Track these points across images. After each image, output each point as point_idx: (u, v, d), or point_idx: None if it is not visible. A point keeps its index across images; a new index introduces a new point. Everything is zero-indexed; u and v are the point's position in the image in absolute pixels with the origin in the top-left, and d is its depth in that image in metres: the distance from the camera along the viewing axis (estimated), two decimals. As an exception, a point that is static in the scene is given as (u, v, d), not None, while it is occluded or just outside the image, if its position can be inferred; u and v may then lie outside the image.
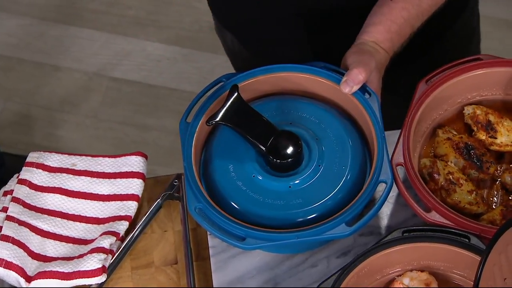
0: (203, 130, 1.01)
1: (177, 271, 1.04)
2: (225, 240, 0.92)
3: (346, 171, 0.96)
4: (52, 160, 1.11)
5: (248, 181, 0.96)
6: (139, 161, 1.11)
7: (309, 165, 0.96)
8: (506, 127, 1.02)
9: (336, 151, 0.97)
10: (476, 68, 1.02)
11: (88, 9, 2.39)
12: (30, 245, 1.03)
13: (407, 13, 1.02)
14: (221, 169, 0.97)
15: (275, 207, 0.94)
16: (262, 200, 0.94)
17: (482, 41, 1.36)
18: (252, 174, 0.96)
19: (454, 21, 1.20)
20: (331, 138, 0.98)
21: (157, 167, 1.82)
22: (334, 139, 0.98)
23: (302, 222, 0.93)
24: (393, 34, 1.02)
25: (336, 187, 0.95)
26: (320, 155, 0.97)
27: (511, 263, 0.81)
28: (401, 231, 0.93)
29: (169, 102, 2.20)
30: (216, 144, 1.00)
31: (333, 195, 0.94)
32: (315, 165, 0.96)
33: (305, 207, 0.94)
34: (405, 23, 1.03)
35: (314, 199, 0.94)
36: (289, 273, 1.00)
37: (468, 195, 0.97)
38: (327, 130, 0.99)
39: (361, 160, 0.98)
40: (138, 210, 1.08)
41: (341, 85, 0.99)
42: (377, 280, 0.95)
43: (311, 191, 0.95)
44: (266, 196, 0.95)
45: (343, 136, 0.99)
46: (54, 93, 2.23)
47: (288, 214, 0.94)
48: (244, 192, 0.95)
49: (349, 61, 1.01)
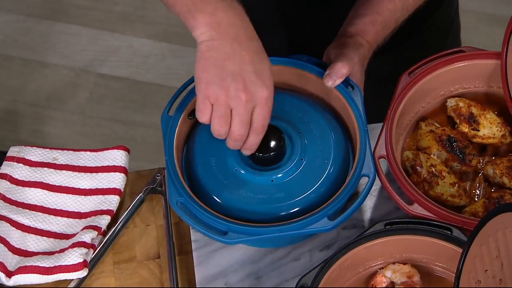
0: (185, 123, 1.01)
1: (159, 266, 1.04)
2: (207, 234, 0.91)
3: (328, 164, 0.95)
4: (33, 154, 1.10)
5: (230, 175, 0.95)
6: (121, 155, 1.10)
7: (291, 159, 0.96)
8: (488, 120, 1.02)
9: (319, 144, 0.97)
10: (458, 60, 1.02)
11: (75, 5, 2.38)
12: (10, 240, 1.02)
13: (393, 6, 1.02)
14: (203, 163, 0.97)
15: (258, 201, 0.94)
16: (245, 194, 0.94)
17: (469, 36, 1.36)
18: (234, 168, 0.95)
19: (432, 14, 1.20)
20: (314, 131, 0.98)
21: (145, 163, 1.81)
22: (317, 132, 0.98)
23: (284, 216, 0.92)
24: (378, 26, 1.02)
25: (319, 181, 0.94)
26: (302, 149, 0.96)
27: (492, 255, 0.81)
28: (384, 224, 0.92)
29: (157, 98, 2.20)
30: (198, 138, 0.99)
31: (315, 188, 0.94)
32: (298, 159, 0.96)
33: (287, 201, 0.93)
34: (390, 16, 1.02)
35: (296, 193, 0.94)
36: (272, 267, 1.00)
37: (450, 188, 0.96)
38: (310, 124, 0.99)
39: (343, 153, 0.98)
40: (120, 204, 1.07)
41: (324, 78, 0.99)
42: (360, 273, 0.94)
43: (294, 185, 0.94)
44: (249, 190, 0.94)
45: (326, 130, 0.98)
46: (41, 89, 2.22)
47: (271, 208, 0.93)
48: (226, 186, 0.94)
49: (332, 54, 1.01)
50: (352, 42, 1.01)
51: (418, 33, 1.18)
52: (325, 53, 1.04)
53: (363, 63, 1.01)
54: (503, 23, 1.05)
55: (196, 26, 0.83)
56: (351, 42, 1.01)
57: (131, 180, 1.11)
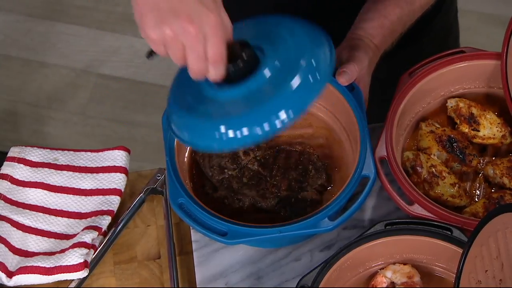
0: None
1: (160, 266, 1.04)
2: (207, 235, 0.91)
3: (307, 51, 0.85)
4: (34, 154, 1.10)
5: (210, 102, 0.86)
6: (121, 155, 1.10)
7: (266, 65, 0.85)
8: (488, 120, 1.02)
9: (290, 42, 0.87)
10: (459, 61, 1.02)
11: (75, 5, 2.38)
12: (11, 240, 1.03)
13: (400, 11, 1.03)
14: (182, 104, 0.89)
15: (248, 105, 0.84)
16: (231, 110, 0.84)
17: (468, 36, 1.36)
18: (211, 95, 0.86)
19: (432, 19, 1.20)
20: (288, 40, 0.88)
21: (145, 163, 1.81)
22: (291, 41, 0.87)
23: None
24: (386, 30, 1.03)
25: (302, 67, 0.84)
26: (274, 51, 0.86)
27: (493, 255, 0.81)
28: (384, 224, 0.93)
29: (157, 98, 2.20)
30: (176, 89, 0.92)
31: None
32: (272, 63, 0.85)
33: (276, 94, 0.83)
34: (397, 21, 1.03)
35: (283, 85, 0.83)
36: (272, 267, 1.00)
37: (451, 188, 0.97)
38: (280, 28, 0.89)
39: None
40: (121, 204, 1.08)
41: (338, 76, 0.98)
42: (360, 273, 0.94)
43: (277, 81, 0.84)
44: (236, 103, 0.85)
45: (297, 29, 0.89)
46: (41, 89, 2.22)
47: (265, 109, 0.83)
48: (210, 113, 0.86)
49: (343, 56, 1.01)
50: (362, 44, 1.01)
51: (418, 38, 1.18)
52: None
53: (371, 66, 1.02)
54: (502, 23, 1.05)
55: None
56: (361, 44, 1.01)
57: (131, 180, 1.11)
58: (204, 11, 0.80)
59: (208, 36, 0.80)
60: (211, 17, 0.80)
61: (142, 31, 0.82)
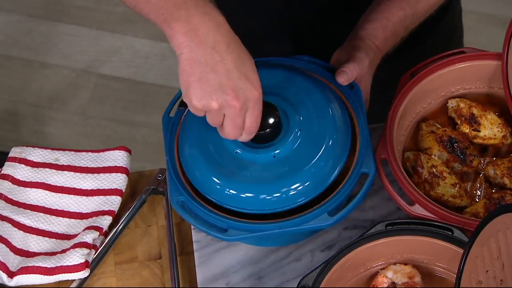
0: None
1: (161, 266, 1.04)
2: (207, 232, 0.91)
3: (327, 131, 0.93)
4: (35, 155, 1.11)
5: (231, 158, 0.92)
6: (122, 155, 1.10)
7: (289, 132, 0.92)
8: (489, 120, 1.02)
9: (313, 112, 0.94)
10: (460, 61, 1.02)
11: (76, 5, 2.38)
12: (12, 241, 1.03)
13: (404, 13, 1.03)
14: (201, 151, 0.94)
15: (263, 179, 0.91)
16: (249, 174, 0.91)
17: (469, 37, 1.36)
18: (234, 151, 0.93)
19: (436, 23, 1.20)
20: (306, 101, 0.95)
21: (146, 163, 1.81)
22: (309, 101, 0.95)
23: (292, 194, 0.90)
24: (388, 32, 1.03)
25: (321, 149, 0.92)
26: (298, 119, 0.93)
27: (493, 256, 0.81)
28: (385, 225, 0.93)
29: (158, 98, 2.20)
30: (194, 126, 0.96)
31: (319, 157, 0.91)
32: (295, 130, 0.93)
33: (293, 175, 0.91)
34: (400, 23, 1.03)
35: (301, 164, 0.91)
36: (273, 267, 1.00)
37: (451, 188, 0.97)
38: (301, 93, 0.96)
39: (341, 119, 0.95)
40: (121, 204, 1.08)
41: (338, 75, 0.98)
42: (361, 273, 0.94)
43: (296, 156, 0.92)
44: (253, 170, 0.91)
45: (318, 97, 0.95)
46: (42, 90, 2.23)
47: (277, 185, 0.91)
48: (229, 170, 0.92)
49: (343, 56, 1.01)
50: (363, 45, 1.01)
51: (424, 39, 1.19)
52: (335, 55, 1.04)
53: (372, 67, 1.02)
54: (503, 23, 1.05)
55: (174, 35, 0.82)
56: (362, 45, 1.01)
57: (132, 180, 1.11)
58: (249, 87, 0.84)
59: (249, 109, 0.85)
60: (254, 94, 0.84)
61: (187, 98, 0.85)
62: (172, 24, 0.82)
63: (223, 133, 0.88)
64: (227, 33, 0.83)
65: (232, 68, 0.83)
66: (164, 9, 0.82)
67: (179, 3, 0.82)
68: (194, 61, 0.82)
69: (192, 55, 0.82)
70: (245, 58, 0.84)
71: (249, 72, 0.84)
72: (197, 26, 0.81)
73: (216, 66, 0.82)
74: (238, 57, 0.83)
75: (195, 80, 0.82)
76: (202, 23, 0.82)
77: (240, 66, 0.83)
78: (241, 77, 0.83)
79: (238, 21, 0.87)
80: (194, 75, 0.82)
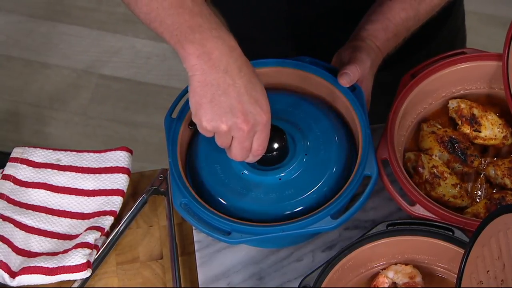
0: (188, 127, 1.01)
1: (162, 266, 1.04)
2: (210, 235, 0.92)
3: (332, 156, 0.96)
4: (36, 155, 1.11)
5: (237, 179, 0.96)
6: (124, 156, 1.11)
7: (296, 156, 0.96)
8: (490, 121, 1.02)
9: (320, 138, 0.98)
10: (460, 62, 1.03)
11: (77, 6, 2.38)
12: (14, 241, 1.03)
13: (405, 14, 1.03)
14: (208, 171, 0.97)
15: (268, 201, 0.94)
16: (255, 195, 0.94)
17: (470, 37, 1.36)
18: (240, 172, 0.96)
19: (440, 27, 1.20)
20: (313, 127, 0.99)
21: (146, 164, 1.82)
22: (316, 127, 0.98)
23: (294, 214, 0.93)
24: (390, 33, 1.03)
25: (326, 173, 0.95)
26: (305, 144, 0.97)
27: (494, 256, 0.81)
28: (386, 225, 0.93)
29: (159, 99, 2.20)
30: (201, 146, 0.99)
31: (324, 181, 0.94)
32: (302, 155, 0.96)
33: (298, 197, 0.94)
34: (402, 24, 1.03)
35: (306, 187, 0.94)
36: (274, 268, 1.00)
37: (452, 189, 0.97)
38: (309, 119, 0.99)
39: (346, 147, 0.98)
40: (123, 205, 1.08)
41: (340, 77, 0.99)
42: (362, 273, 0.95)
43: (302, 179, 0.95)
44: (258, 191, 0.95)
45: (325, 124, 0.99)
46: (43, 90, 2.23)
47: (281, 206, 0.94)
48: (235, 190, 0.95)
49: (345, 57, 1.01)
50: (365, 46, 1.02)
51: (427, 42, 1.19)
52: (336, 56, 1.04)
53: (373, 67, 1.02)
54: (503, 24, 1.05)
55: (187, 57, 0.83)
56: (364, 46, 1.02)
57: (134, 180, 1.11)
58: (258, 111, 0.86)
59: (257, 132, 0.87)
60: (263, 118, 0.86)
61: (196, 119, 0.86)
62: (186, 46, 0.83)
63: (231, 155, 0.90)
64: (239, 57, 0.85)
65: (243, 91, 0.84)
66: (178, 30, 0.83)
67: (194, 26, 0.83)
68: (206, 83, 0.83)
69: (205, 77, 0.83)
70: (256, 82, 0.86)
71: (259, 96, 0.86)
72: (210, 49, 0.82)
73: (227, 89, 0.83)
74: (249, 81, 0.85)
75: (206, 102, 0.84)
76: (215, 47, 0.83)
77: (251, 90, 0.85)
78: (251, 101, 0.85)
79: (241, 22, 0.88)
80: (206, 97, 0.84)
